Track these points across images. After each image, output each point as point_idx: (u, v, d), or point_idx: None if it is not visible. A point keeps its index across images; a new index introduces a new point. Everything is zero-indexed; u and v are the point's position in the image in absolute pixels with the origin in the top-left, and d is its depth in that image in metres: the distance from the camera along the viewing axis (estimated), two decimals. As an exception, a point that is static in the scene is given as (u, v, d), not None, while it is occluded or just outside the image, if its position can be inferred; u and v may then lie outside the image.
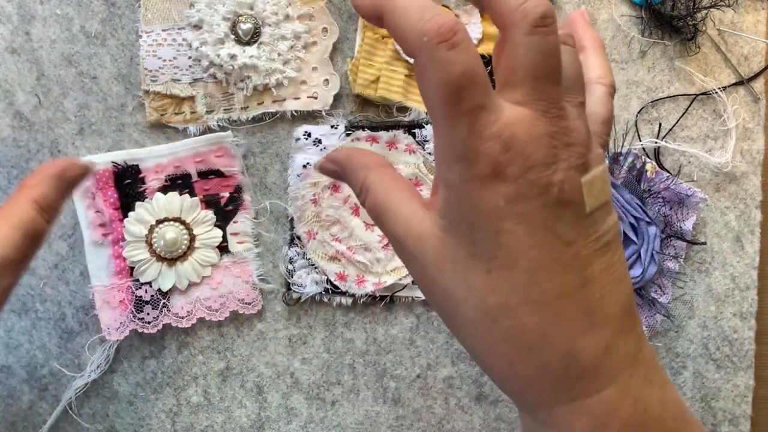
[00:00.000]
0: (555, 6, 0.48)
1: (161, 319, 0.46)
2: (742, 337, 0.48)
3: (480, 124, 0.26)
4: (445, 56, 0.26)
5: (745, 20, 0.48)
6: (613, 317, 0.27)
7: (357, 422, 0.48)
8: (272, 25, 0.46)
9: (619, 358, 0.27)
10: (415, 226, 0.28)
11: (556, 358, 0.26)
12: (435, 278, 0.28)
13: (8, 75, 0.47)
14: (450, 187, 0.27)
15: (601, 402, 0.27)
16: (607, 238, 0.27)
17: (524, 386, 0.28)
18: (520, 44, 0.26)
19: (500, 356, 0.27)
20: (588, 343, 0.27)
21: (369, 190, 0.30)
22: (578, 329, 0.26)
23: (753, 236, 0.48)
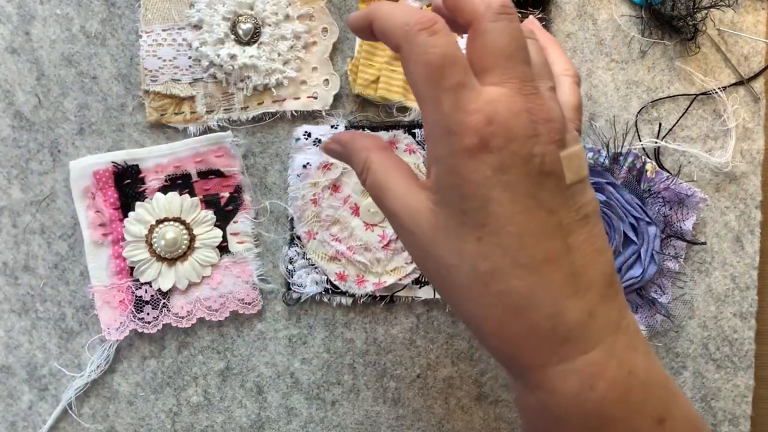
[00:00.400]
0: (555, 6, 0.48)
1: (161, 319, 0.46)
2: (742, 337, 0.48)
3: (463, 99, 0.28)
4: (426, 40, 0.28)
5: (745, 20, 0.49)
6: (596, 284, 0.29)
7: (357, 422, 0.48)
8: (272, 25, 0.46)
9: (603, 323, 0.29)
10: (410, 202, 0.31)
11: (544, 318, 0.28)
12: (429, 249, 0.30)
13: (8, 75, 0.47)
14: (439, 162, 0.29)
15: (588, 363, 0.29)
16: (586, 211, 0.29)
17: (514, 347, 0.29)
18: (489, 31, 0.29)
19: (491, 318, 0.29)
20: (573, 306, 0.28)
21: (370, 169, 0.32)
22: (564, 293, 0.28)
23: (753, 236, 0.48)
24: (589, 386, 0.29)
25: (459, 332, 0.48)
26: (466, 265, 0.29)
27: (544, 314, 0.28)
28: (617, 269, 0.46)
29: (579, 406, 0.29)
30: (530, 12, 0.47)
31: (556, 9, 0.48)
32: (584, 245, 0.29)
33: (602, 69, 0.48)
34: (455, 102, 0.28)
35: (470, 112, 0.28)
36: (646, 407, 0.30)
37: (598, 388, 0.29)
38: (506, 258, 0.28)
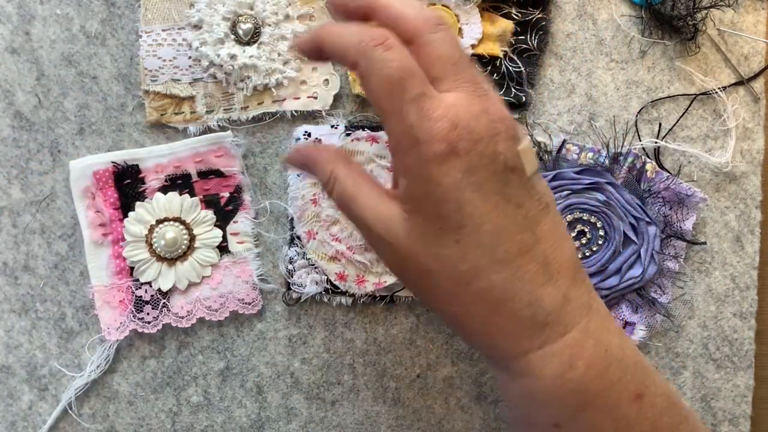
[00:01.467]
0: (555, 6, 0.48)
1: (161, 319, 0.46)
2: (742, 337, 0.48)
3: (426, 108, 0.29)
4: (383, 55, 0.29)
5: (745, 20, 0.49)
6: (566, 270, 0.31)
7: (357, 422, 0.48)
8: (272, 25, 0.46)
9: (576, 306, 0.31)
10: (383, 212, 0.31)
11: (523, 307, 0.30)
12: (407, 256, 0.31)
13: (8, 75, 0.47)
14: (409, 172, 0.30)
15: (566, 345, 0.30)
16: (546, 200, 0.31)
17: (498, 339, 0.31)
18: (432, 41, 0.30)
19: (475, 315, 0.31)
20: (549, 293, 0.30)
21: (337, 179, 0.33)
22: (539, 281, 0.30)
23: (753, 236, 0.48)
24: (569, 366, 0.30)
25: (459, 332, 0.48)
26: (447, 268, 0.30)
27: (523, 304, 0.30)
28: (617, 269, 0.46)
29: (561, 387, 0.30)
30: (530, 12, 0.47)
31: (556, 9, 0.48)
32: (550, 234, 0.31)
33: (602, 69, 0.48)
34: (419, 112, 0.29)
35: (435, 119, 0.29)
36: (624, 383, 0.31)
37: (577, 367, 0.30)
38: (485, 256, 0.30)
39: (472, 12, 0.46)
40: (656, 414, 0.32)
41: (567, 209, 0.46)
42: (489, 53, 0.47)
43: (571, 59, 0.48)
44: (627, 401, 0.31)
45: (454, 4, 0.46)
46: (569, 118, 0.48)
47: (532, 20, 0.47)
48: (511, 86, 0.47)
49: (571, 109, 0.48)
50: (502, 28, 0.46)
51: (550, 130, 0.48)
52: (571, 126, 0.48)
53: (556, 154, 0.47)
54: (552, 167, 0.47)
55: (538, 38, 0.47)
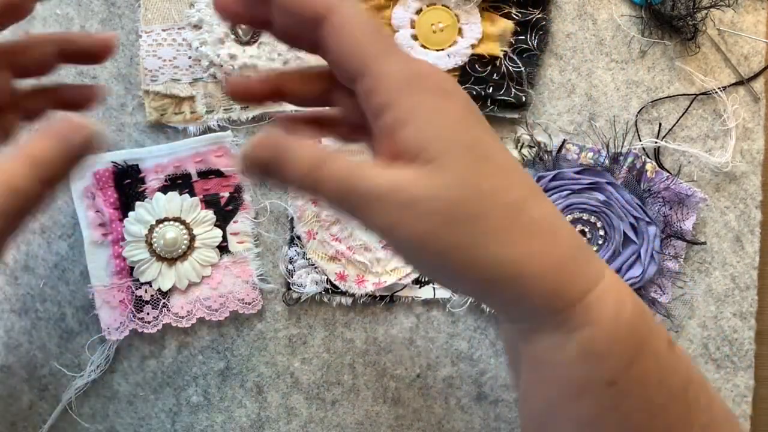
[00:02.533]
0: (555, 6, 0.48)
1: (161, 319, 0.46)
2: (742, 337, 0.48)
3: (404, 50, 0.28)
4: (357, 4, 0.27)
5: (745, 20, 0.48)
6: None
7: (357, 422, 0.48)
8: (272, 25, 0.46)
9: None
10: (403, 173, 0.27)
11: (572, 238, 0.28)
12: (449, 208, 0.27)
13: (8, 75, 0.47)
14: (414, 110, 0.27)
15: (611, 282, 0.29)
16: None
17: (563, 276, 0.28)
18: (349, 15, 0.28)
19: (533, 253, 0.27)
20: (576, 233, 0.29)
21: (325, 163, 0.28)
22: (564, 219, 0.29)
23: (753, 236, 0.48)
24: (621, 305, 0.28)
25: (459, 332, 0.48)
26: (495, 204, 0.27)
27: (570, 236, 0.28)
28: (617, 269, 0.46)
29: (618, 330, 0.28)
30: (530, 12, 0.47)
31: (556, 9, 0.48)
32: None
33: (602, 69, 0.48)
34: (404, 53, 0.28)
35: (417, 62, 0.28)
36: (658, 328, 0.30)
37: (626, 307, 0.28)
38: (521, 184, 0.28)
39: (472, 12, 0.46)
40: (687, 363, 0.31)
41: (567, 209, 0.46)
42: (489, 53, 0.47)
43: (571, 59, 0.48)
44: (665, 348, 0.30)
45: (454, 4, 0.46)
46: (569, 118, 0.48)
47: (532, 20, 0.47)
48: (511, 86, 0.47)
49: (571, 109, 0.48)
50: (502, 28, 0.46)
51: (550, 130, 0.48)
52: (571, 126, 0.48)
53: (556, 154, 0.47)
54: (552, 167, 0.47)
55: (538, 38, 0.47)
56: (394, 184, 0.27)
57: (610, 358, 0.28)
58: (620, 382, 0.28)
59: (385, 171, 0.27)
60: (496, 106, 0.47)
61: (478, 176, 0.27)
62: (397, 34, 0.47)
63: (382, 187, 0.27)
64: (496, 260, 0.27)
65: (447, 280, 0.31)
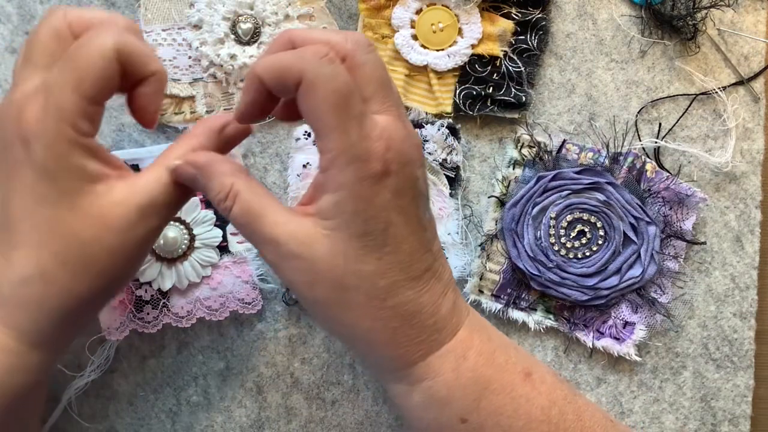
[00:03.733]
0: (555, 6, 0.48)
1: (161, 318, 0.46)
2: (742, 337, 0.48)
3: (366, 127, 0.30)
4: (329, 68, 0.29)
5: (745, 20, 0.49)
6: (452, 281, 0.35)
7: (357, 422, 0.48)
8: (272, 25, 0.46)
9: (461, 309, 0.35)
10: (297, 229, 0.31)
11: (428, 317, 0.33)
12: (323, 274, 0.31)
13: (8, 75, 0.47)
14: (343, 188, 0.30)
15: (458, 341, 0.34)
16: (433, 221, 0.34)
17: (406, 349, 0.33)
18: (366, 62, 0.31)
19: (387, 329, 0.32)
20: (445, 302, 0.33)
21: (238, 195, 0.32)
22: (438, 293, 0.33)
23: (753, 236, 0.48)
24: (462, 357, 0.33)
25: (459, 332, 0.48)
26: (366, 284, 0.31)
27: (428, 314, 0.33)
28: (617, 269, 0.46)
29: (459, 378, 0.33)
30: (530, 12, 0.47)
31: (556, 9, 0.48)
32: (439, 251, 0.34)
33: (602, 69, 0.48)
34: (360, 130, 0.30)
35: (374, 139, 0.30)
36: (512, 365, 0.34)
37: (469, 357, 0.33)
38: (401, 273, 0.32)
39: (472, 12, 0.46)
40: (550, 388, 0.35)
41: (567, 209, 0.46)
42: (489, 53, 0.47)
43: (571, 59, 0.48)
44: (519, 380, 0.34)
45: (454, 4, 0.46)
46: (569, 118, 0.48)
47: (532, 20, 0.47)
48: (511, 86, 0.47)
49: (571, 109, 0.48)
50: (502, 28, 0.46)
51: (550, 130, 0.48)
52: (571, 126, 0.48)
53: (556, 154, 0.47)
54: (552, 167, 0.47)
55: (538, 38, 0.47)
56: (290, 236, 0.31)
57: (455, 401, 0.33)
58: (471, 417, 0.33)
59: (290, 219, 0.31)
60: (496, 106, 0.47)
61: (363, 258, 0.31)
62: (397, 34, 0.47)
63: (280, 236, 0.31)
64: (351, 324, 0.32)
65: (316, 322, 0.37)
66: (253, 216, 0.32)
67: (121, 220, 0.31)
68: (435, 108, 0.47)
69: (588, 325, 0.47)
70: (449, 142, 0.46)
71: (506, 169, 0.48)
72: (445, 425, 0.34)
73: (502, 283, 0.47)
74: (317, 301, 0.32)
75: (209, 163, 0.33)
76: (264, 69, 0.31)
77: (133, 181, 0.32)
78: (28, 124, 0.30)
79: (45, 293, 0.31)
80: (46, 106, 0.29)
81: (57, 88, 0.29)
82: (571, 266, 0.46)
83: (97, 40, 0.30)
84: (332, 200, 0.31)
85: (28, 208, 0.31)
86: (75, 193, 0.30)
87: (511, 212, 0.47)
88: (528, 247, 0.46)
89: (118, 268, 0.32)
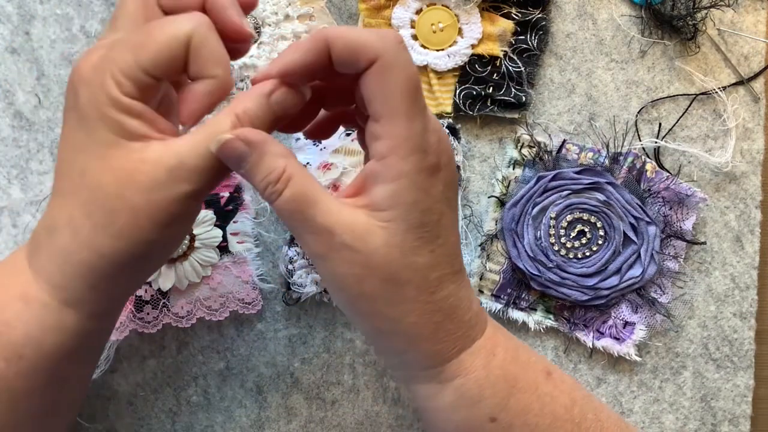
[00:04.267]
0: (555, 6, 0.48)
1: (161, 318, 0.46)
2: (742, 337, 0.48)
3: (428, 119, 0.30)
4: (406, 54, 0.29)
5: (745, 20, 0.49)
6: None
7: (357, 422, 0.48)
8: (272, 25, 0.46)
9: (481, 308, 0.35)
10: (351, 219, 0.30)
11: (465, 312, 0.33)
12: (378, 265, 0.30)
13: (8, 75, 0.47)
14: (403, 178, 0.30)
15: (487, 338, 0.34)
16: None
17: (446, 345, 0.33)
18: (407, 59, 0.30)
19: (429, 324, 0.32)
20: (474, 298, 0.34)
21: (292, 178, 0.30)
22: (470, 288, 0.34)
23: (753, 236, 0.48)
24: (492, 354, 0.33)
25: (459, 332, 0.48)
26: (418, 277, 0.31)
27: (465, 309, 0.33)
28: (617, 269, 0.46)
29: (489, 375, 0.33)
30: (530, 12, 0.47)
31: (556, 9, 0.48)
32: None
33: (602, 69, 0.48)
34: (425, 121, 0.30)
35: (432, 132, 0.30)
36: (534, 363, 0.35)
37: (498, 354, 0.33)
38: (448, 266, 0.32)
39: (472, 12, 0.46)
40: (570, 387, 0.35)
41: (567, 209, 0.46)
42: (489, 53, 0.47)
43: (571, 59, 0.48)
44: (543, 379, 0.34)
45: (454, 4, 0.46)
46: (569, 118, 0.48)
47: (532, 20, 0.47)
48: (511, 86, 0.47)
49: (571, 109, 0.48)
50: (502, 28, 0.46)
51: (550, 130, 0.48)
52: (571, 126, 0.48)
53: (556, 154, 0.47)
54: (552, 167, 0.47)
55: (538, 38, 0.47)
56: (346, 226, 0.30)
57: (485, 399, 0.33)
58: (501, 416, 0.33)
59: (343, 209, 0.30)
60: (496, 106, 0.47)
61: (418, 250, 0.31)
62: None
63: (335, 226, 0.30)
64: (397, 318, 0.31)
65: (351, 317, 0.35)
66: (306, 203, 0.30)
67: (147, 178, 0.29)
68: (435, 108, 0.47)
69: (588, 325, 0.47)
70: (449, 142, 0.46)
71: (506, 169, 0.48)
72: (474, 426, 0.33)
73: (502, 283, 0.47)
74: (363, 295, 0.31)
75: (264, 141, 0.30)
76: (338, 36, 0.29)
77: (169, 143, 0.30)
78: (81, 71, 0.29)
79: (70, 245, 0.30)
80: (102, 58, 0.29)
81: (119, 45, 0.29)
82: (571, 266, 0.46)
83: (175, 22, 0.29)
84: (389, 190, 0.30)
85: (67, 155, 0.30)
86: (107, 144, 0.29)
87: (511, 212, 0.47)
88: (528, 247, 0.46)
89: (142, 229, 0.30)
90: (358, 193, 0.31)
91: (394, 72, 0.29)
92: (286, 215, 0.31)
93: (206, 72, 0.30)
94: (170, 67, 0.30)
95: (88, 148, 0.30)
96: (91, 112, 0.29)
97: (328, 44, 0.30)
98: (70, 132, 0.30)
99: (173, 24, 0.29)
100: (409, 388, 0.35)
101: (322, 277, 0.33)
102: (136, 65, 0.29)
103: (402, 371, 0.35)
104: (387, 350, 0.34)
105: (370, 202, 0.30)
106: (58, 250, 0.31)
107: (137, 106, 0.30)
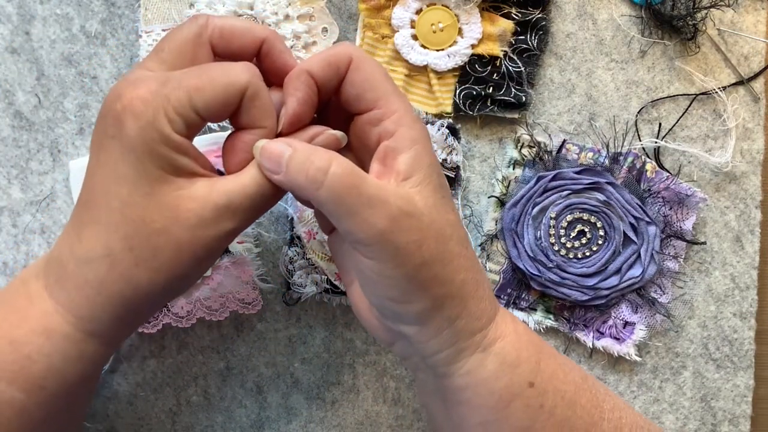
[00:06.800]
0: (555, 6, 0.48)
1: (161, 318, 0.46)
2: (742, 337, 0.48)
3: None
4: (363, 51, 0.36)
5: (745, 20, 0.49)
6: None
7: (357, 422, 0.48)
8: (272, 25, 0.46)
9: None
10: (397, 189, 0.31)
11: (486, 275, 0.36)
12: (430, 227, 0.31)
13: (8, 75, 0.47)
14: (417, 142, 0.32)
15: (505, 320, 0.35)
16: None
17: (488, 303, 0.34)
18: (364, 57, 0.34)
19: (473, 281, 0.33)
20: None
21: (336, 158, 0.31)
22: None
23: (753, 236, 0.48)
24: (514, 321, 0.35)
25: (459, 332, 0.48)
26: (457, 233, 0.33)
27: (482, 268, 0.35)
28: (617, 269, 0.46)
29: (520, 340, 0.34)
30: (530, 12, 0.47)
31: (556, 9, 0.48)
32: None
33: (602, 69, 0.48)
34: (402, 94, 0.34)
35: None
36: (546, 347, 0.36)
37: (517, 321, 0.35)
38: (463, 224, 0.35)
39: (472, 12, 0.46)
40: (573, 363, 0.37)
41: (567, 209, 0.46)
42: (489, 53, 0.47)
43: (571, 59, 0.48)
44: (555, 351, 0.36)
45: (454, 4, 0.46)
46: (569, 118, 0.48)
47: (532, 20, 0.47)
48: (511, 86, 0.47)
49: (571, 109, 0.48)
50: (502, 28, 0.46)
51: (550, 130, 0.48)
52: (571, 126, 0.48)
53: (556, 154, 0.47)
54: (552, 167, 0.47)
55: (538, 38, 0.47)
56: (399, 193, 0.31)
57: (521, 362, 0.33)
58: (537, 380, 0.33)
59: (383, 182, 0.31)
60: (496, 106, 0.47)
61: (447, 208, 0.33)
62: (397, 34, 0.47)
63: (388, 192, 0.30)
64: (449, 279, 0.32)
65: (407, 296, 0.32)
66: (358, 176, 0.30)
67: (194, 215, 0.30)
68: (435, 108, 0.47)
69: (588, 325, 0.47)
70: (449, 142, 0.46)
71: (506, 169, 0.48)
72: (515, 393, 0.33)
73: (502, 283, 0.47)
74: (425, 261, 0.31)
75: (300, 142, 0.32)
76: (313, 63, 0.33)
77: (215, 181, 0.31)
78: (131, 102, 0.29)
79: (106, 276, 0.30)
80: (157, 92, 0.29)
81: (175, 82, 0.30)
82: (571, 266, 0.46)
83: (236, 69, 0.31)
84: (410, 157, 0.32)
85: (107, 186, 0.30)
86: (155, 179, 0.30)
87: (511, 212, 0.47)
88: (528, 247, 0.46)
89: (182, 265, 0.31)
90: (383, 174, 0.33)
91: (368, 63, 0.33)
92: (336, 196, 0.30)
93: (257, 123, 0.32)
94: (222, 112, 0.31)
95: (132, 182, 0.30)
96: (139, 146, 0.29)
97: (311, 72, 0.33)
98: (111, 162, 0.30)
99: (231, 72, 0.31)
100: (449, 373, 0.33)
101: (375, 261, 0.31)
102: (190, 106, 0.30)
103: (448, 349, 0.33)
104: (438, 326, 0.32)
105: (397, 173, 0.32)
106: (90, 283, 0.31)
107: (185, 143, 0.31)
